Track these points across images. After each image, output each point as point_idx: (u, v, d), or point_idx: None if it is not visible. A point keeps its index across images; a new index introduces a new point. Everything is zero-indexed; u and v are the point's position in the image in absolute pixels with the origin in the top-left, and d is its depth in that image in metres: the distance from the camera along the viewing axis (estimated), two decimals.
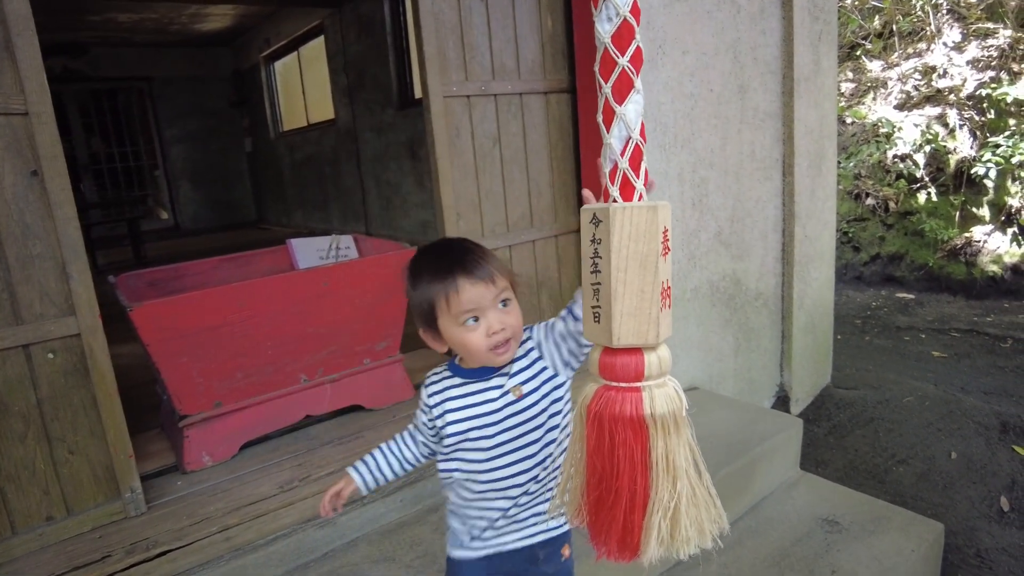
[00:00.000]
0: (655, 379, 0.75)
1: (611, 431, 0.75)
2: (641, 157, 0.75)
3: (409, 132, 5.61)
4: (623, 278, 0.72)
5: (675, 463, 0.75)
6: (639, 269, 0.72)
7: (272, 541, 1.69)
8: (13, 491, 1.59)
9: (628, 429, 0.75)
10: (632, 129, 0.74)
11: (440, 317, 1.03)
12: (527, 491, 1.10)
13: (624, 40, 0.72)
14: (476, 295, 1.00)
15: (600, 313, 0.74)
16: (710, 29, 2.51)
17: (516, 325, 1.04)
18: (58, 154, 1.56)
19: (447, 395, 1.10)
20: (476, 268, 1.01)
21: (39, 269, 1.57)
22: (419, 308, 1.06)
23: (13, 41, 1.47)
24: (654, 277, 0.72)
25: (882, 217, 5.53)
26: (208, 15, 7.62)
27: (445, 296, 1.00)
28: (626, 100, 0.73)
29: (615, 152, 0.74)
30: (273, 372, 2.05)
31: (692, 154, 2.52)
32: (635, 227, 0.71)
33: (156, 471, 1.98)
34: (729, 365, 2.84)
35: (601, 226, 0.72)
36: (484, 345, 1.01)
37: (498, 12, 2.23)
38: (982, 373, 3.72)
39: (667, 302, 0.75)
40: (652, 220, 0.72)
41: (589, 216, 0.74)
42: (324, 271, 2.09)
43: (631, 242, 0.72)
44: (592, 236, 0.74)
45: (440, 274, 1.01)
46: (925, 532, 2.03)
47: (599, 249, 0.73)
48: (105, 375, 1.66)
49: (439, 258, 1.05)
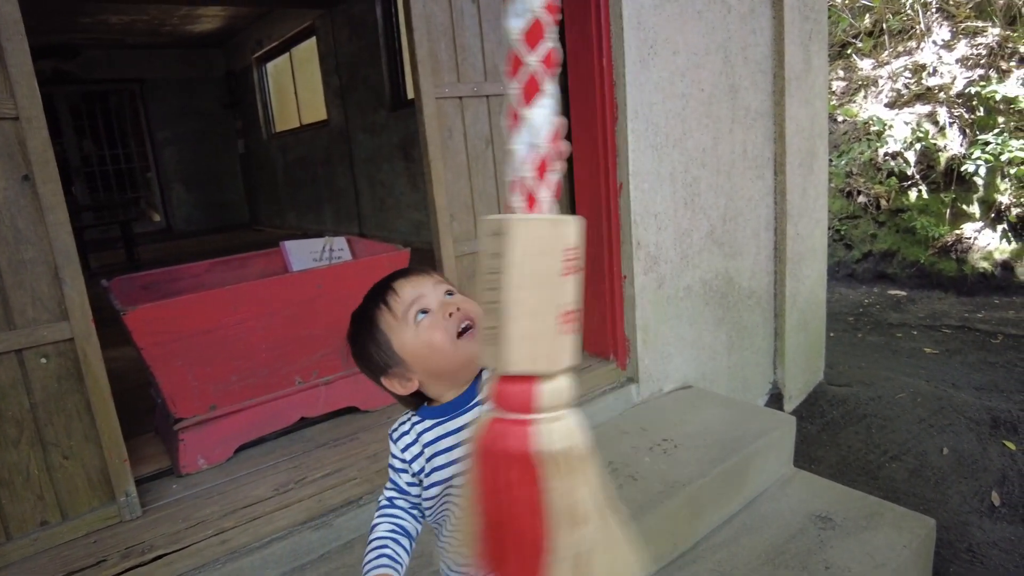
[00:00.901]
0: (551, 411, 0.67)
1: (501, 469, 0.67)
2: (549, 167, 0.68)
3: (402, 133, 5.61)
4: (519, 297, 0.64)
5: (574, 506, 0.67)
6: (537, 288, 0.65)
7: (268, 543, 1.69)
8: (7, 496, 1.58)
9: (519, 467, 0.66)
10: (539, 136, 0.67)
11: (393, 336, 0.95)
12: None
13: (535, 39, 0.66)
14: (414, 287, 0.96)
15: (495, 334, 0.66)
16: (700, 29, 2.52)
17: (470, 308, 0.95)
18: (49, 159, 1.55)
19: (423, 441, 0.99)
20: (408, 270, 0.99)
21: (31, 274, 1.56)
22: (373, 348, 0.97)
23: (3, 46, 1.47)
24: (552, 298, 0.66)
25: (874, 215, 5.56)
26: (200, 16, 7.60)
27: (388, 306, 0.95)
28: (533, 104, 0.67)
29: (518, 160, 0.67)
30: (268, 375, 2.05)
31: (684, 154, 2.53)
32: (536, 242, 0.65)
33: (151, 475, 1.98)
34: (723, 363, 2.85)
35: (501, 239, 0.65)
36: (449, 332, 0.93)
37: (490, 14, 2.24)
38: (973, 369, 3.76)
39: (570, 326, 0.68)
40: (554, 234, 0.65)
41: (490, 227, 0.66)
42: (318, 273, 2.09)
43: (530, 258, 0.65)
44: (492, 249, 0.66)
45: (377, 292, 0.98)
46: (917, 527, 2.05)
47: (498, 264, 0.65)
48: (99, 379, 1.66)
49: (369, 292, 1.00)
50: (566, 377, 0.68)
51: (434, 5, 2.11)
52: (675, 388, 2.65)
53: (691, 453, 2.16)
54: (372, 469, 1.91)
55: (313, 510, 1.78)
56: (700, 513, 2.04)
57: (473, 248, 2.31)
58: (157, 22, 7.63)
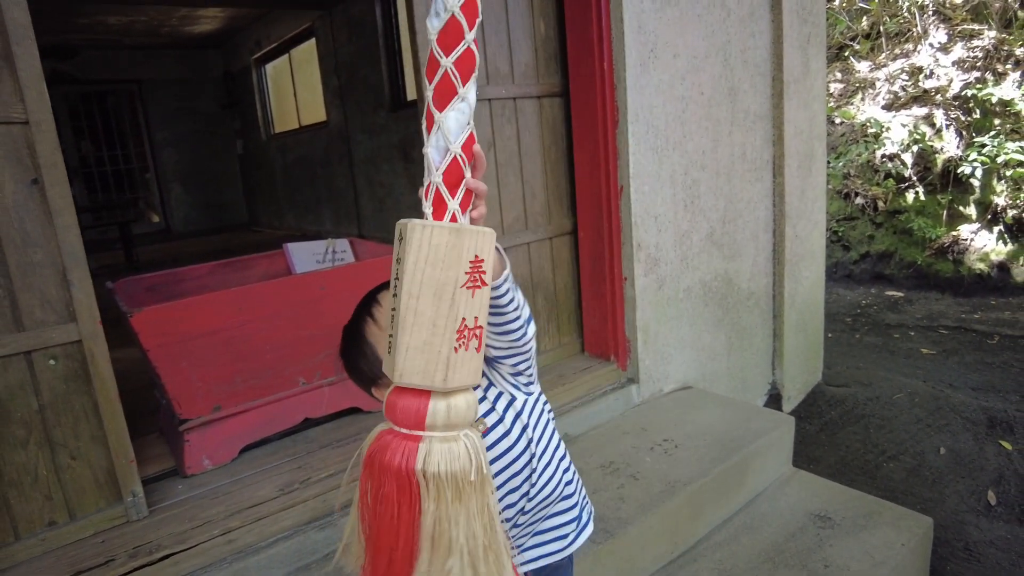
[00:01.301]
0: (441, 431, 0.65)
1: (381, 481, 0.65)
2: (461, 173, 0.66)
3: (401, 134, 5.62)
4: (414, 306, 0.62)
5: (449, 535, 0.64)
6: (433, 298, 0.63)
7: (273, 543, 1.71)
8: (15, 497, 1.60)
9: (395, 483, 0.64)
10: (451, 141, 0.65)
11: (379, 346, 0.98)
12: (515, 523, 1.02)
13: (451, 40, 0.64)
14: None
15: (391, 343, 0.64)
16: (700, 32, 2.54)
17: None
18: (58, 162, 1.57)
19: None
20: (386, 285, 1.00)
21: (40, 276, 1.58)
22: (363, 360, 0.99)
23: (13, 50, 1.48)
24: (449, 310, 0.63)
25: (871, 216, 5.59)
26: (199, 17, 7.60)
27: (373, 318, 0.99)
28: (448, 107, 0.65)
29: (431, 163, 0.66)
30: (272, 376, 2.07)
31: (684, 156, 2.55)
32: (434, 250, 0.63)
33: (156, 475, 1.99)
34: (722, 364, 2.87)
35: (402, 244, 0.63)
36: None
37: (491, 17, 2.26)
38: (970, 369, 3.78)
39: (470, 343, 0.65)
40: (455, 244, 0.63)
41: (397, 232, 0.65)
42: (321, 275, 2.11)
43: (428, 266, 0.63)
44: (396, 255, 0.65)
45: (362, 307, 1.01)
46: (915, 526, 2.08)
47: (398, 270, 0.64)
48: (106, 381, 1.67)
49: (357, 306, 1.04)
50: (465, 396, 0.65)
51: None
52: (675, 388, 2.67)
53: (691, 453, 2.18)
54: None
55: (318, 510, 1.79)
56: (700, 512, 2.06)
57: None
58: (156, 23, 7.63)
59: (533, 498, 1.00)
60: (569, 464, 1.08)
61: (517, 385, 0.99)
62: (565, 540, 1.07)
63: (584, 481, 2.07)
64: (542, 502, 1.02)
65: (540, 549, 1.06)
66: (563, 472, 1.05)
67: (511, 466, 0.97)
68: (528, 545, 1.06)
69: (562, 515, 1.07)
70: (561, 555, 1.08)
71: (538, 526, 1.06)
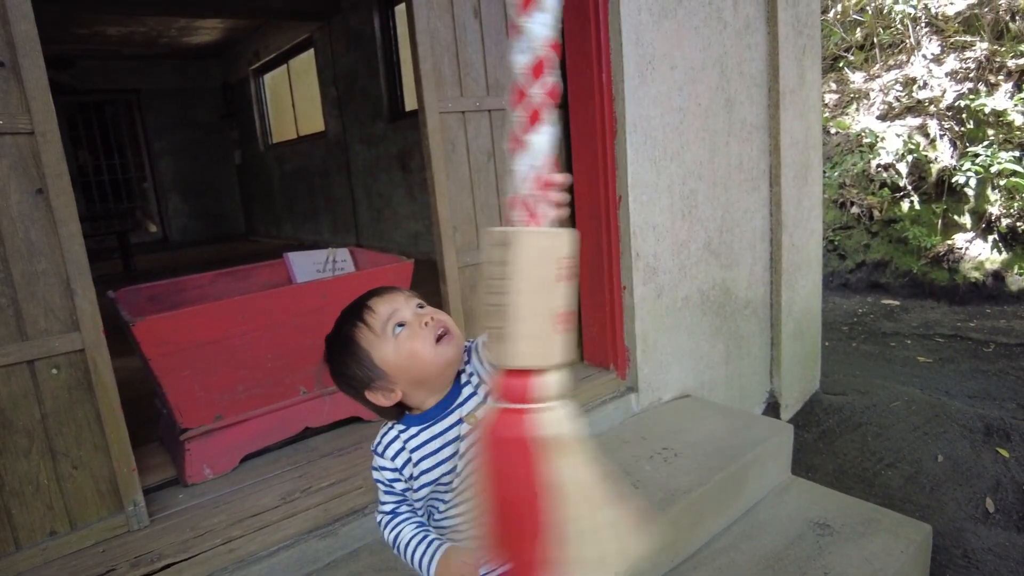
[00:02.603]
0: (548, 402, 0.75)
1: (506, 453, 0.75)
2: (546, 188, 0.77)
3: (400, 144, 5.65)
4: (523, 300, 0.73)
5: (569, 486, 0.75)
6: (537, 293, 0.74)
7: (275, 552, 1.71)
8: (17, 506, 1.60)
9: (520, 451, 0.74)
10: (538, 159, 0.76)
11: (373, 351, 0.99)
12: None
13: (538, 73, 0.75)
14: (388, 304, 1.00)
15: (501, 334, 0.75)
16: (697, 44, 2.57)
17: (443, 317, 1.02)
18: (63, 172, 1.58)
19: (410, 447, 1.03)
20: (377, 290, 1.03)
21: (44, 285, 1.59)
22: (354, 366, 1.01)
23: (20, 62, 1.50)
24: (550, 301, 0.74)
25: (867, 225, 5.63)
26: (197, 28, 7.64)
27: (365, 324, 0.99)
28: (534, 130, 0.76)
29: (520, 179, 0.76)
30: (273, 385, 2.07)
31: (681, 166, 2.58)
32: (537, 252, 0.74)
33: (157, 484, 1.99)
34: (720, 372, 2.89)
35: (506, 249, 0.74)
36: (427, 340, 0.98)
37: (491, 29, 2.28)
38: (966, 377, 3.81)
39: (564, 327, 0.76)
40: (551, 245, 0.74)
41: (495, 238, 0.76)
42: (323, 284, 2.12)
43: (532, 266, 0.74)
44: (497, 258, 0.75)
45: (351, 313, 1.02)
46: (914, 534, 2.09)
47: (503, 271, 0.74)
48: (109, 390, 1.68)
49: (344, 313, 1.05)
50: (559, 372, 0.76)
51: (438, 21, 2.16)
52: (674, 397, 2.69)
53: (691, 461, 2.19)
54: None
55: (319, 519, 1.80)
56: (700, 520, 2.07)
57: (475, 259, 2.35)
58: (155, 33, 7.68)
59: None
60: None
61: None
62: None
63: None
64: None
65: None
66: None
67: None
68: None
69: None
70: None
71: None
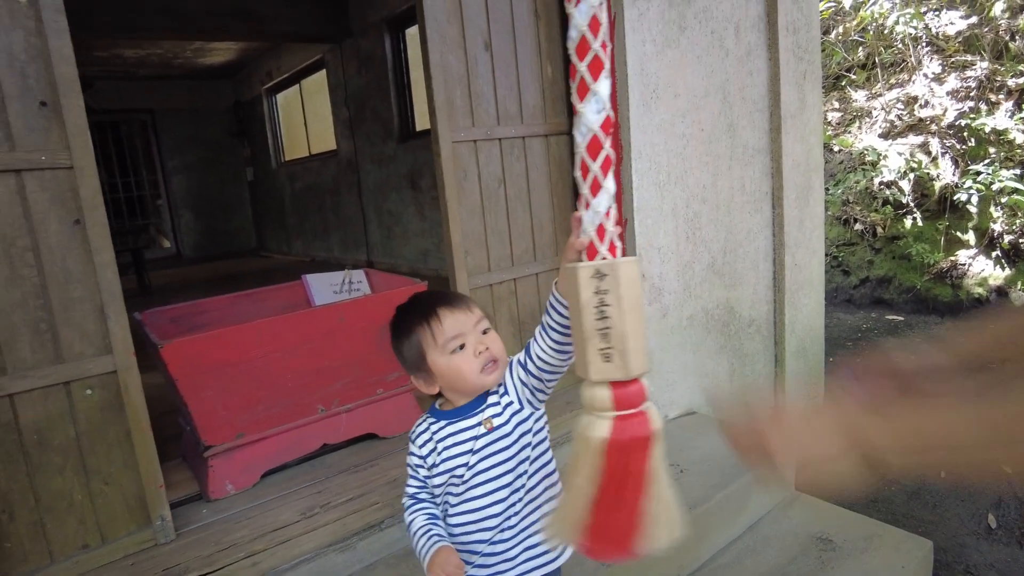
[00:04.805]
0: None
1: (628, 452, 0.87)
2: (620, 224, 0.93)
3: (410, 164, 5.77)
4: (630, 319, 0.86)
5: (659, 471, 0.89)
6: (637, 311, 0.87)
7: (296, 565, 1.78)
8: (52, 521, 1.68)
9: (643, 447, 0.88)
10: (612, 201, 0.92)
11: (428, 352, 1.10)
12: (507, 524, 1.13)
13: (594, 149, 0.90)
14: (458, 322, 1.10)
15: (611, 353, 0.87)
16: (700, 72, 2.66)
17: (499, 348, 1.12)
18: (99, 204, 1.68)
19: (436, 439, 1.15)
20: (453, 300, 1.13)
21: (79, 311, 1.68)
22: (408, 351, 1.12)
23: (61, 102, 1.60)
24: (643, 317, 0.88)
25: (870, 241, 5.69)
26: (212, 50, 7.82)
27: (431, 329, 1.09)
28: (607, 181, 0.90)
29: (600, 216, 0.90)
30: (292, 404, 2.15)
31: (685, 190, 2.66)
32: (633, 277, 0.87)
33: (180, 500, 2.07)
34: (725, 390, 2.95)
35: (606, 279, 0.87)
36: (475, 367, 1.09)
37: (502, 62, 2.38)
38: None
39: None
40: (637, 271, 0.89)
41: (590, 272, 0.88)
42: (340, 307, 2.20)
43: (631, 289, 0.86)
44: (596, 288, 0.87)
45: (423, 312, 1.11)
46: (915, 549, 2.14)
47: (605, 299, 0.86)
48: (138, 410, 1.76)
49: (420, 302, 1.15)
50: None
51: (451, 55, 2.25)
52: (680, 415, 2.75)
53: (696, 478, 2.25)
54: (392, 494, 2.01)
55: (337, 533, 1.87)
56: (705, 535, 2.13)
57: (486, 281, 2.43)
58: (170, 55, 7.86)
59: (523, 500, 1.14)
60: (557, 480, 1.19)
61: (533, 401, 1.14)
62: (554, 552, 1.17)
63: None
64: (531, 503, 1.15)
65: (533, 561, 1.16)
66: (552, 486, 1.18)
67: (502, 465, 1.12)
68: (521, 559, 1.15)
69: None
70: (552, 565, 1.18)
71: (529, 538, 1.15)
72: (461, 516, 1.14)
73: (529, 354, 1.10)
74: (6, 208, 1.56)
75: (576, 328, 0.90)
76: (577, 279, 0.88)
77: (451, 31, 2.26)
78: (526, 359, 1.11)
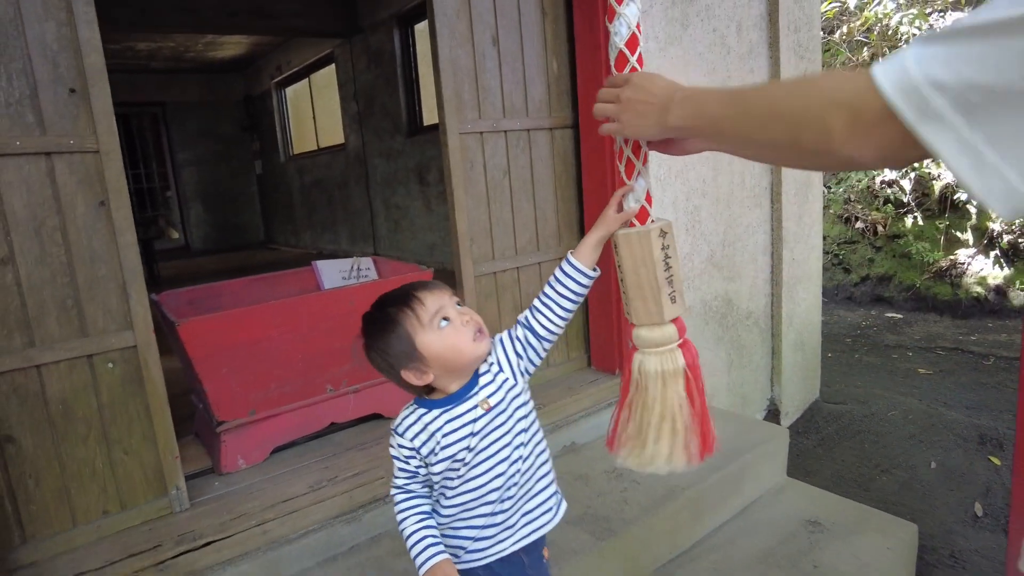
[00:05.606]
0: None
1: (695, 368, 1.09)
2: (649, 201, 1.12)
3: (417, 158, 5.84)
4: (677, 268, 1.08)
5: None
6: (679, 262, 1.10)
7: (304, 535, 1.87)
8: (76, 488, 1.77)
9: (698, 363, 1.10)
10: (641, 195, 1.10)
11: (417, 336, 1.10)
12: (508, 495, 1.17)
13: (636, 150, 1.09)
14: (436, 299, 1.12)
15: (675, 295, 1.08)
16: (702, 70, 2.73)
17: (478, 317, 1.16)
18: (122, 187, 1.76)
19: (431, 429, 1.14)
20: (422, 284, 1.17)
21: (103, 289, 1.76)
22: (396, 344, 1.11)
23: (89, 90, 1.69)
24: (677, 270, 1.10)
25: (871, 240, 5.74)
26: (223, 44, 7.92)
27: (414, 312, 1.10)
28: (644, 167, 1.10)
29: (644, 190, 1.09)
30: (303, 383, 2.24)
31: (685, 184, 2.73)
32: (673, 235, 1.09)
33: (194, 473, 2.16)
34: (722, 380, 3.02)
35: (667, 236, 1.07)
36: (467, 336, 1.11)
37: (509, 57, 2.46)
38: (965, 389, 3.91)
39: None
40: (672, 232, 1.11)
41: (658, 232, 1.06)
42: (351, 291, 2.29)
43: (676, 244, 1.09)
44: (662, 245, 1.07)
45: (401, 300, 1.13)
46: (901, 532, 2.21)
47: (668, 252, 1.07)
48: (157, 384, 1.85)
49: (391, 297, 1.15)
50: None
51: (459, 49, 2.33)
52: None
53: None
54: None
55: (344, 506, 1.96)
56: (699, 516, 2.21)
57: (490, 269, 2.51)
58: (182, 48, 7.96)
59: (522, 471, 1.18)
60: (545, 446, 1.26)
61: (525, 373, 1.20)
62: (550, 513, 1.25)
63: (590, 485, 2.23)
64: (527, 472, 1.19)
65: (531, 525, 1.22)
66: (542, 452, 1.24)
67: (501, 440, 1.15)
68: (520, 524, 1.21)
69: (544, 492, 1.24)
70: (549, 526, 1.24)
71: (526, 504, 1.22)
72: (463, 495, 1.16)
73: (532, 327, 1.17)
74: (37, 189, 1.65)
75: (643, 282, 1.06)
76: (650, 239, 1.05)
77: (460, 26, 2.34)
78: (526, 333, 1.18)
